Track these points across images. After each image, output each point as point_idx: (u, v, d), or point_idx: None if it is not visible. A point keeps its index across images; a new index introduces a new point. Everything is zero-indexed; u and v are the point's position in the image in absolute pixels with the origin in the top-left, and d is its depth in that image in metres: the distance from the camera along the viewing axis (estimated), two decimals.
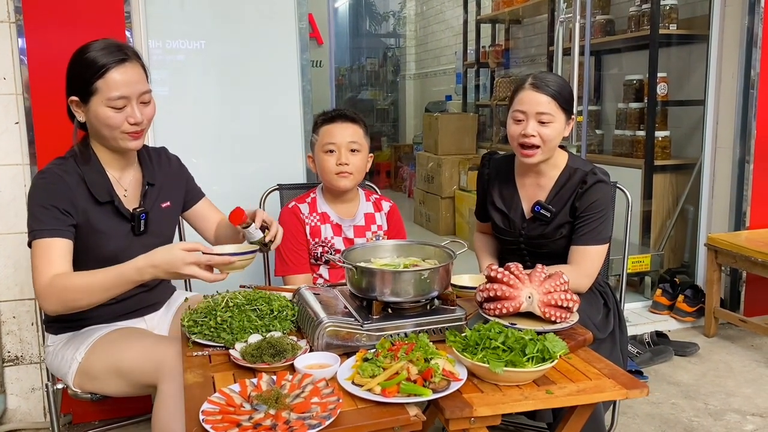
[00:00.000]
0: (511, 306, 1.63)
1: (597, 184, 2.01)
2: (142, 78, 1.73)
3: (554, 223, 2.05)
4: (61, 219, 1.69)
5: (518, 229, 2.11)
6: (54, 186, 1.70)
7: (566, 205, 2.04)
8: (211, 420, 1.22)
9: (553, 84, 1.97)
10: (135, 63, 1.72)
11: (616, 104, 4.39)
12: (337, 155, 2.11)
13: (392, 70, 9.95)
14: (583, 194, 2.00)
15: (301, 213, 2.17)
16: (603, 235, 2.02)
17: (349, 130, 2.13)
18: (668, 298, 3.59)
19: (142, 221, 1.83)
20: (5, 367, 2.45)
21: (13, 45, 2.27)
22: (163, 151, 2.00)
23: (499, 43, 6.29)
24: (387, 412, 1.29)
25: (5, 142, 2.33)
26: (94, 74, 1.66)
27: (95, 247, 1.76)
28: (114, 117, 1.69)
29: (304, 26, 2.83)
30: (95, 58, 1.67)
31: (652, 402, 2.69)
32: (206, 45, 2.64)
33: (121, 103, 1.68)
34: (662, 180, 4.00)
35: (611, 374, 1.47)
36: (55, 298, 1.64)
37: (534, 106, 1.96)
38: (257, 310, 1.64)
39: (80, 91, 1.70)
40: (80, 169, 1.75)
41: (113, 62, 1.67)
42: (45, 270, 1.64)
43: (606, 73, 4.87)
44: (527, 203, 2.11)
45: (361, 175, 2.17)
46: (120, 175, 1.83)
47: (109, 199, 1.77)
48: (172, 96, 2.59)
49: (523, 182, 2.13)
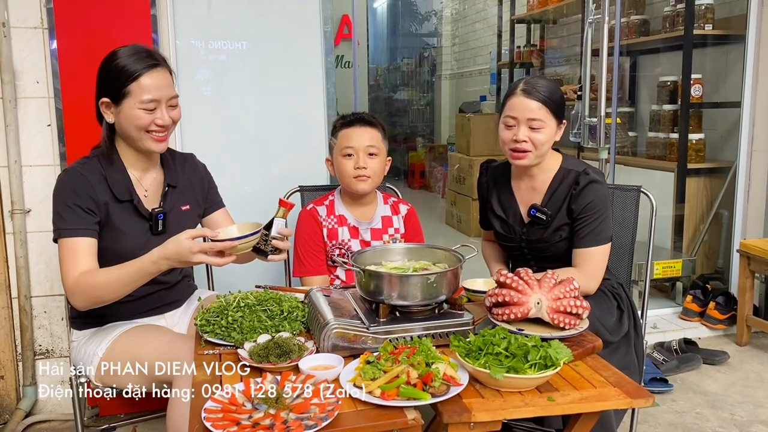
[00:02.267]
0: (519, 312, 1.62)
1: (590, 185, 1.99)
2: (170, 83, 1.82)
3: (552, 225, 2.05)
4: (85, 218, 1.76)
5: (518, 234, 2.11)
6: (77, 185, 1.78)
7: (562, 206, 2.03)
8: (212, 418, 1.25)
9: (543, 90, 1.96)
10: (165, 69, 1.81)
11: (651, 106, 4.31)
12: (355, 159, 2.13)
13: (428, 70, 9.93)
14: (578, 196, 2.00)
15: (319, 215, 2.20)
16: (603, 235, 2.01)
17: (368, 134, 2.15)
18: (699, 304, 3.51)
19: (160, 221, 1.88)
20: (37, 360, 2.54)
21: (46, 49, 2.36)
22: (190, 157, 2.06)
23: (534, 43, 6.23)
24: (385, 415, 1.30)
25: (38, 143, 2.42)
26: (128, 78, 1.74)
27: (114, 244, 1.83)
28: (144, 118, 1.76)
29: (329, 29, 2.86)
30: (129, 62, 1.76)
31: (676, 411, 2.64)
32: (232, 47, 2.69)
33: (152, 105, 1.76)
34: (696, 184, 3.91)
35: (617, 383, 1.45)
36: (83, 295, 1.73)
37: (525, 112, 1.96)
38: (268, 311, 1.67)
39: (112, 93, 1.77)
40: (103, 168, 1.82)
41: (146, 67, 1.76)
42: (72, 269, 1.72)
43: (642, 74, 4.78)
44: (524, 208, 2.11)
45: (379, 178, 2.18)
46: (141, 176, 1.90)
47: (128, 197, 1.83)
48: (198, 97, 2.65)
49: (518, 186, 2.13)
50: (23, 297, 2.46)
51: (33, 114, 2.40)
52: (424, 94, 9.93)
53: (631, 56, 4.70)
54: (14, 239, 2.44)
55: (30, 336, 2.50)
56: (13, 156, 2.38)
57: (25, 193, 2.44)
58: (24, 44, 2.36)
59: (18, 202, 2.42)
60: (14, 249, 2.45)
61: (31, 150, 2.43)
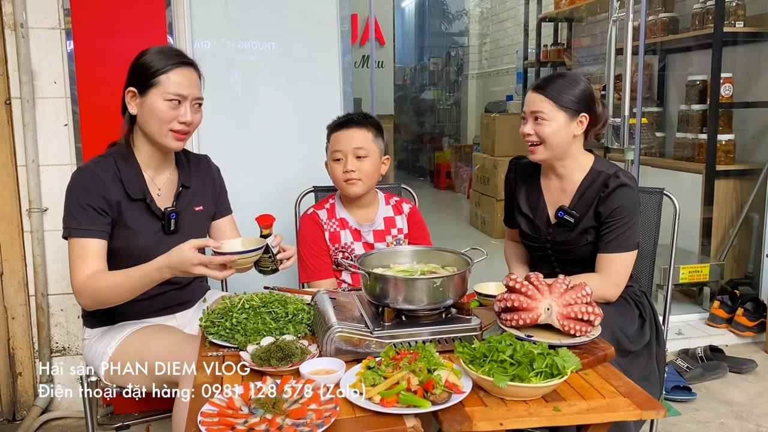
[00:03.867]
0: (528, 317, 1.58)
1: (620, 189, 1.94)
2: (198, 85, 1.84)
3: (578, 228, 2.00)
4: (97, 219, 1.76)
5: (544, 235, 2.07)
6: (90, 184, 1.78)
7: (590, 209, 1.98)
8: (208, 422, 1.24)
9: (553, 84, 1.97)
10: (195, 70, 1.84)
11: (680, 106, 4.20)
12: (344, 162, 2.10)
13: (455, 70, 9.87)
14: (606, 199, 1.95)
15: (320, 219, 2.18)
16: (630, 242, 1.95)
17: (356, 135, 2.11)
18: (727, 310, 3.40)
19: (172, 220, 1.88)
20: (53, 357, 2.57)
21: (63, 50, 2.39)
22: (205, 159, 2.06)
23: (561, 42, 6.14)
24: (384, 422, 1.27)
25: (55, 143, 2.45)
26: (159, 69, 1.77)
27: (126, 243, 1.83)
28: (167, 112, 1.77)
29: (346, 29, 2.84)
30: (160, 56, 1.79)
31: (699, 421, 2.56)
32: (248, 48, 2.69)
33: (177, 99, 1.77)
34: (725, 186, 3.80)
35: (628, 393, 1.40)
36: (89, 297, 1.74)
37: (529, 106, 1.99)
38: (272, 313, 1.66)
39: (140, 83, 1.79)
40: (117, 167, 1.82)
41: (177, 63, 1.79)
42: (80, 270, 1.73)
43: (671, 73, 4.66)
44: (552, 208, 2.07)
45: (371, 179, 2.13)
46: (155, 175, 1.89)
47: (141, 196, 1.83)
48: (214, 98, 2.64)
49: (548, 186, 2.09)
50: (40, 295, 2.49)
51: (50, 114, 2.43)
52: (451, 93, 9.87)
53: (661, 55, 4.60)
54: (32, 237, 2.47)
55: (47, 333, 2.53)
56: (30, 155, 2.41)
57: (42, 192, 2.47)
58: (42, 45, 2.39)
59: (35, 201, 2.45)
60: (32, 247, 2.48)
61: (48, 149, 2.45)
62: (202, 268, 1.58)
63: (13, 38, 2.35)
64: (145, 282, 1.68)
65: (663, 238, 2.31)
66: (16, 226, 2.47)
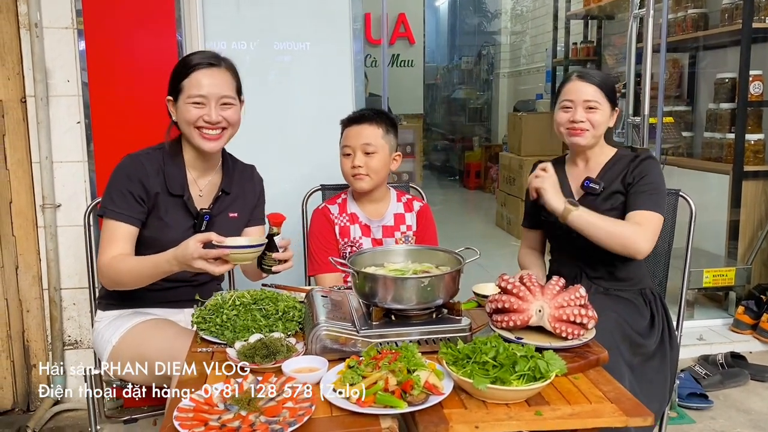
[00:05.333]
0: (519, 319, 1.55)
1: (649, 160, 2.05)
2: (227, 84, 1.86)
3: (604, 194, 2.06)
4: (134, 206, 1.83)
5: None
6: (134, 171, 1.85)
7: (617, 179, 2.06)
8: (182, 417, 1.24)
9: (597, 76, 2.08)
10: (225, 71, 1.86)
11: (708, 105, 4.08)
12: (352, 157, 2.12)
13: (486, 68, 9.77)
14: (636, 167, 2.04)
15: (331, 213, 2.19)
16: (660, 206, 1.99)
17: (365, 131, 2.13)
18: (752, 316, 3.29)
19: (204, 222, 1.92)
20: (66, 350, 2.62)
21: (76, 49, 2.43)
22: (251, 168, 2.10)
23: (590, 39, 6.02)
24: (359, 422, 1.25)
25: (68, 140, 2.50)
26: (184, 74, 1.82)
27: (157, 234, 1.88)
28: (192, 112, 1.82)
29: (359, 27, 2.83)
30: (190, 61, 1.84)
31: (714, 429, 2.48)
32: (260, 46, 2.70)
33: (199, 100, 1.81)
34: (753, 187, 3.67)
35: (616, 398, 1.36)
36: (108, 277, 1.82)
37: (581, 95, 2.04)
38: (263, 310, 1.66)
39: (173, 91, 1.85)
40: (164, 162, 1.88)
41: (202, 65, 1.82)
42: (107, 250, 1.80)
43: (702, 71, 4.53)
44: (576, 184, 2.13)
45: (379, 175, 2.14)
46: (198, 176, 1.94)
47: (180, 192, 1.88)
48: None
49: (571, 171, 2.17)
50: (53, 289, 2.55)
51: (63, 111, 2.48)
52: (482, 92, 9.78)
53: (691, 52, 4.47)
54: (45, 233, 2.53)
55: (59, 327, 2.59)
56: (44, 152, 2.46)
57: (55, 189, 2.52)
58: (55, 44, 2.44)
59: (49, 197, 2.50)
60: (45, 242, 2.54)
61: (61, 146, 2.51)
62: (202, 262, 1.59)
63: (28, 38, 2.41)
64: (156, 271, 1.73)
65: (682, 240, 2.25)
66: (31, 221, 2.53)
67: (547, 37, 7.41)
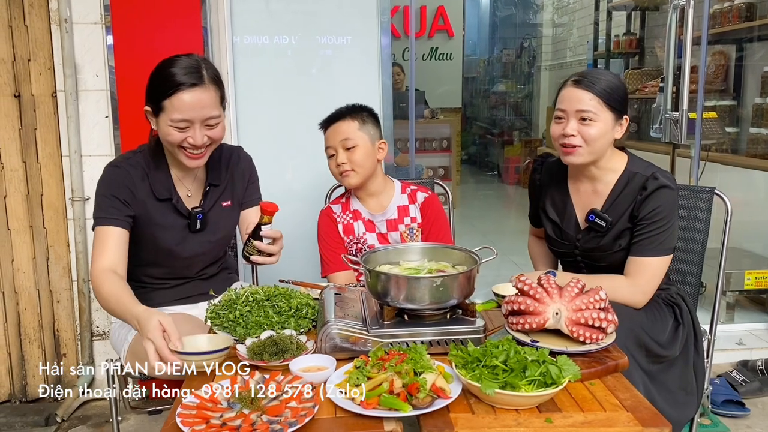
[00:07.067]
0: (535, 322, 1.50)
1: (659, 191, 1.79)
2: (211, 103, 1.74)
3: (611, 233, 1.86)
4: (120, 209, 1.78)
5: (573, 241, 1.93)
6: (118, 177, 1.81)
7: (624, 214, 1.84)
8: (185, 414, 1.24)
9: (598, 81, 1.80)
10: (208, 88, 1.73)
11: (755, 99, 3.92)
12: (336, 157, 2.11)
13: (527, 62, 9.60)
14: (644, 201, 1.80)
15: (334, 213, 2.19)
16: (665, 246, 1.80)
17: (341, 128, 2.11)
18: None
19: (198, 220, 1.89)
20: (94, 341, 2.67)
21: (104, 44, 2.46)
22: (236, 150, 2.03)
23: (633, 32, 5.85)
24: (362, 425, 1.23)
25: (97, 134, 2.54)
26: (165, 93, 1.71)
27: (152, 239, 1.86)
28: (175, 135, 1.74)
29: (386, 20, 2.80)
30: (170, 76, 1.71)
31: None
32: (288, 41, 2.70)
33: (183, 125, 1.72)
34: None
35: (632, 407, 1.30)
36: (95, 289, 1.76)
37: (574, 104, 1.80)
38: (276, 307, 1.65)
39: (152, 104, 1.76)
40: (146, 166, 1.84)
41: (184, 85, 1.70)
42: (98, 258, 1.75)
43: (750, 64, 4.35)
44: (581, 212, 1.92)
45: (364, 168, 2.10)
46: (184, 176, 1.90)
47: (168, 196, 1.85)
48: (254, 91, 2.67)
49: (576, 189, 1.95)
50: (81, 280, 2.60)
51: (92, 106, 2.52)
52: (523, 86, 9.61)
53: (738, 45, 4.30)
54: (74, 225, 2.57)
55: (88, 318, 2.64)
56: (73, 146, 2.51)
57: (84, 182, 2.57)
58: (85, 39, 2.48)
59: (78, 190, 2.55)
60: (74, 234, 2.58)
61: (90, 140, 2.55)
62: (150, 344, 1.45)
63: (59, 33, 2.45)
64: (123, 316, 1.63)
65: (717, 240, 2.16)
66: (62, 214, 2.58)
67: (591, 29, 7.23)
